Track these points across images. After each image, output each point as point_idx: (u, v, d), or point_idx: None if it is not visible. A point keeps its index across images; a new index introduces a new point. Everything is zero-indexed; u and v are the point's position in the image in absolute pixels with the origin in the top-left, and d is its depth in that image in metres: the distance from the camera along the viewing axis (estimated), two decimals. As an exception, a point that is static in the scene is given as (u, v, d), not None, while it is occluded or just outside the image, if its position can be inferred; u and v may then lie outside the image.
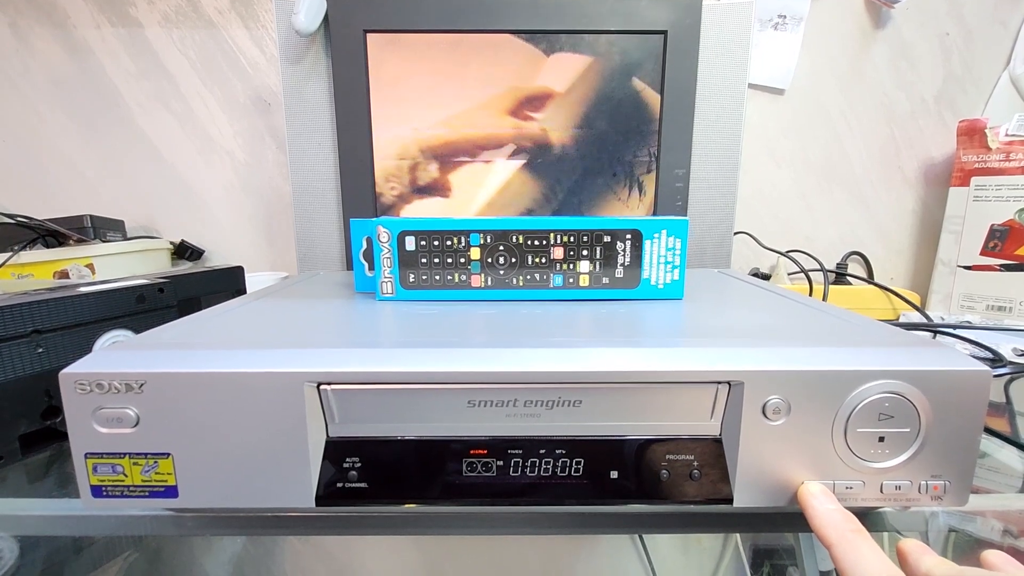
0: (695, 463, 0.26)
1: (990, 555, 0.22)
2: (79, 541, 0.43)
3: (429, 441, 0.26)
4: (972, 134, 0.71)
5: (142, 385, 0.24)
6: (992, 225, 0.70)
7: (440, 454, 0.26)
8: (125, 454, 0.25)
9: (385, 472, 0.26)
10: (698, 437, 0.26)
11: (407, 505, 0.27)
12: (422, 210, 0.60)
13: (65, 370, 0.24)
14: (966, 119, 0.72)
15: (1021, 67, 0.75)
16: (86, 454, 0.25)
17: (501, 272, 0.39)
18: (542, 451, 0.26)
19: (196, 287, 0.54)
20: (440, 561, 0.85)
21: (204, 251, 0.80)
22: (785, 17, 0.74)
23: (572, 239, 0.38)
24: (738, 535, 0.77)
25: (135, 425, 0.25)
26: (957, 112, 0.77)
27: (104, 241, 0.67)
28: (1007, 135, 0.68)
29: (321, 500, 0.26)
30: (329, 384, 0.25)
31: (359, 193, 0.60)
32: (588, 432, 0.26)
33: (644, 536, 0.77)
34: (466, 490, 0.26)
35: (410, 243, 0.39)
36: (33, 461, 0.37)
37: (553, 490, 0.26)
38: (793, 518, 0.30)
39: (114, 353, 0.26)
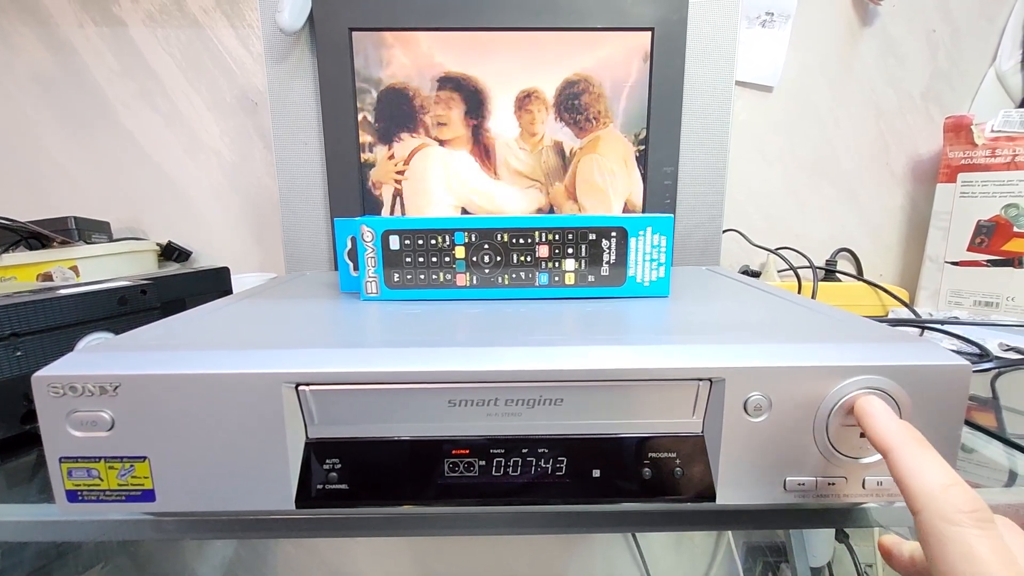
0: (677, 461, 0.26)
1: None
2: (62, 546, 0.42)
3: (409, 441, 0.26)
4: (959, 130, 0.71)
5: (116, 387, 0.24)
6: (979, 221, 0.70)
7: (420, 454, 0.26)
8: (100, 458, 0.25)
9: (365, 473, 0.26)
10: (680, 435, 0.26)
11: (388, 506, 0.26)
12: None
13: (37, 373, 0.24)
14: (953, 115, 0.72)
15: (1007, 63, 0.75)
16: (60, 458, 0.25)
17: (486, 271, 0.39)
18: (524, 450, 0.26)
19: (181, 289, 0.53)
20: (433, 564, 0.84)
21: (192, 252, 0.79)
22: (772, 14, 0.74)
23: (557, 237, 0.38)
24: (730, 533, 0.77)
25: (110, 428, 0.24)
26: (944, 108, 0.78)
27: (89, 243, 0.67)
28: (993, 131, 0.68)
29: (301, 502, 0.25)
30: (307, 385, 0.25)
31: (346, 192, 0.59)
32: (570, 431, 0.26)
33: (637, 535, 0.77)
34: (447, 490, 0.26)
35: (394, 242, 0.38)
36: (15, 466, 0.36)
37: (535, 489, 0.26)
38: (777, 515, 0.30)
39: (88, 355, 0.25)
